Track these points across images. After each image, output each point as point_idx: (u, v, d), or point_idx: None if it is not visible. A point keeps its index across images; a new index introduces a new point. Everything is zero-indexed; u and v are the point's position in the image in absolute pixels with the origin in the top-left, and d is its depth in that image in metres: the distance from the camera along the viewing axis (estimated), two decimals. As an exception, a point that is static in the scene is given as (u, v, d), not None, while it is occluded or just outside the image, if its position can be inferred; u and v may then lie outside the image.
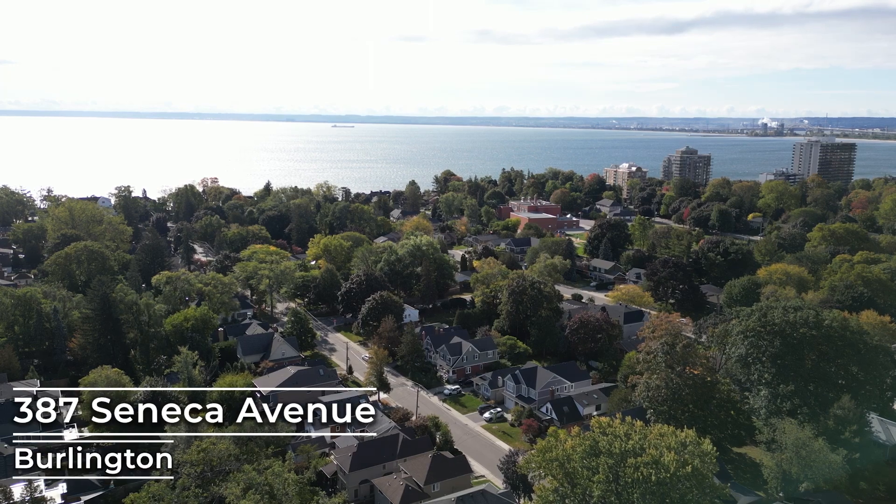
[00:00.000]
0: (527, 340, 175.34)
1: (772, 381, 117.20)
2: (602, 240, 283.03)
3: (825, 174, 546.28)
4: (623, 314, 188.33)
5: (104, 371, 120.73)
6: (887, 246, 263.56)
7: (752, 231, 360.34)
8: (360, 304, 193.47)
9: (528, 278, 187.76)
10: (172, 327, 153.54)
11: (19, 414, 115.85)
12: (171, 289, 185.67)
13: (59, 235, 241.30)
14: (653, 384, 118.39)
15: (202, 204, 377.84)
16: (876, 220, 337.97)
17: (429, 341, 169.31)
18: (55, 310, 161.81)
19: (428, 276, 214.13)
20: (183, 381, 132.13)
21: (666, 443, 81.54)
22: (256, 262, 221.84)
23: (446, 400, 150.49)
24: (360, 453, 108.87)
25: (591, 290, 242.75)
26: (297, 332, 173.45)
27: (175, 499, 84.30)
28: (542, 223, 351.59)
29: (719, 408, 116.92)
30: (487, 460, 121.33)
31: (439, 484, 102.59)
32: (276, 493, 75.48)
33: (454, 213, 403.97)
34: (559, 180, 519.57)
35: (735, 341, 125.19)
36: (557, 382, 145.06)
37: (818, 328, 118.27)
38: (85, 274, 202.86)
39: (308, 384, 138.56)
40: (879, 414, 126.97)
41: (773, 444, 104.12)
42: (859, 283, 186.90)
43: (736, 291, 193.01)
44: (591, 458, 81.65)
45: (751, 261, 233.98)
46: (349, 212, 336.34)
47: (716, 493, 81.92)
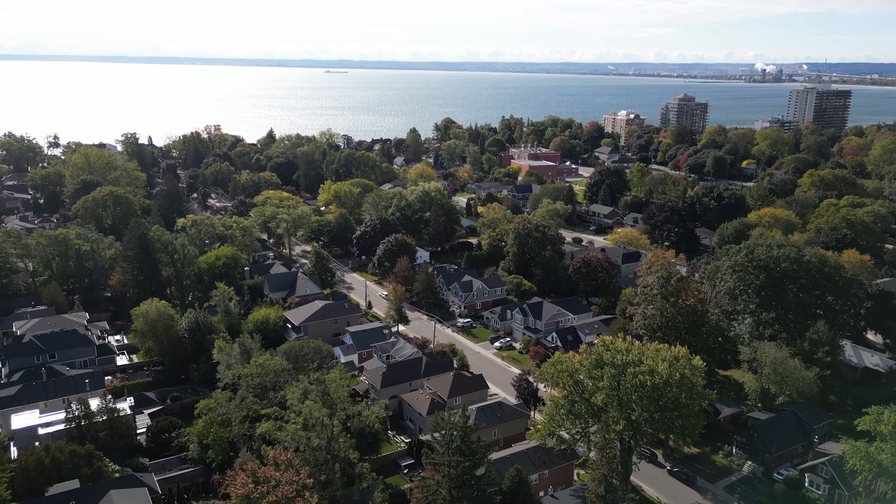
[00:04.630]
0: (531, 279, 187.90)
1: (756, 310, 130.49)
2: (601, 186, 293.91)
3: (820, 121, 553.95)
4: (621, 255, 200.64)
5: (154, 303, 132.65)
6: (873, 191, 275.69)
7: (746, 177, 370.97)
8: (374, 246, 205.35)
9: (533, 222, 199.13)
10: (207, 265, 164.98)
11: (82, 341, 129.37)
12: (195, 231, 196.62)
13: (79, 181, 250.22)
14: (649, 313, 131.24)
15: (209, 151, 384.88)
16: (865, 167, 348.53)
17: (441, 280, 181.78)
18: (92, 250, 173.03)
19: (437, 220, 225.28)
20: (221, 313, 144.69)
21: (661, 356, 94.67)
22: (271, 206, 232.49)
23: (459, 331, 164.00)
24: (389, 373, 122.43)
25: (591, 234, 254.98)
26: (318, 271, 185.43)
27: (236, 406, 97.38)
28: (542, 170, 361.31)
29: (708, 335, 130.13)
30: (499, 381, 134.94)
31: (461, 397, 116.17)
32: (331, 397, 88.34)
33: (456, 160, 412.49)
34: (558, 128, 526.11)
35: (724, 276, 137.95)
36: (561, 315, 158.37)
37: (799, 263, 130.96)
38: (111, 217, 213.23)
39: (335, 316, 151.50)
40: (853, 341, 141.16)
41: (755, 363, 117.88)
42: (843, 226, 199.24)
43: (728, 234, 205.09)
44: (596, 369, 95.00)
45: (743, 205, 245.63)
46: (354, 159, 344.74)
47: (703, 397, 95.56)
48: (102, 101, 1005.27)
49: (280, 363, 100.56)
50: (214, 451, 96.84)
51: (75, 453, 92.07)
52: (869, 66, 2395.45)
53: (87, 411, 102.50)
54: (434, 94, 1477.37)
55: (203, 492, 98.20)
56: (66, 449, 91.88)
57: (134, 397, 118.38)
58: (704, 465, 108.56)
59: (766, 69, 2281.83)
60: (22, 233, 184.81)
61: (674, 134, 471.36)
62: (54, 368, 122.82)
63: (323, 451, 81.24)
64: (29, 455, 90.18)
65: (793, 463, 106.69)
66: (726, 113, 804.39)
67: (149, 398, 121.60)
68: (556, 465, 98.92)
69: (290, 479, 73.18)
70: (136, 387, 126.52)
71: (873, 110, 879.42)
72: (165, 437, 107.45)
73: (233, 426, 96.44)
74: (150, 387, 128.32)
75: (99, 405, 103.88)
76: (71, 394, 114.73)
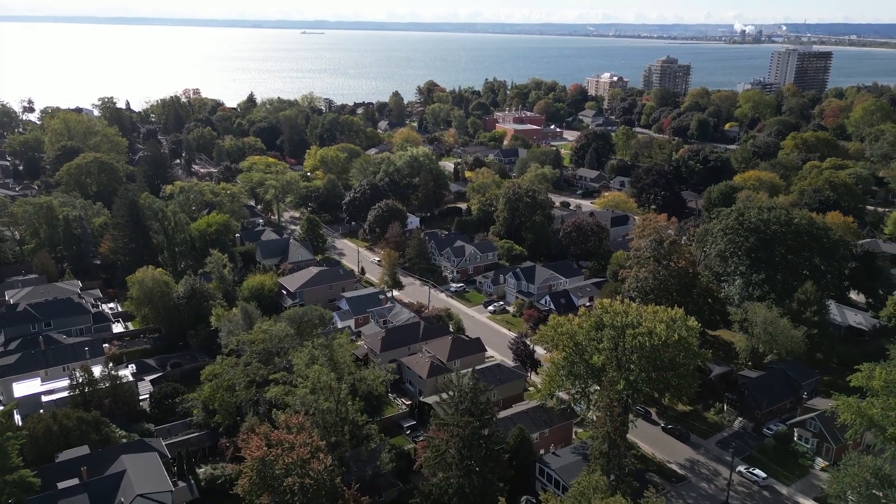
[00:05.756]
0: (522, 243, 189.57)
1: (746, 272, 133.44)
2: (587, 150, 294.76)
3: (801, 83, 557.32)
4: (610, 219, 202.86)
5: (149, 270, 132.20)
6: (855, 153, 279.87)
7: (729, 140, 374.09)
8: (364, 212, 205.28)
9: (523, 187, 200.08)
10: (198, 232, 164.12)
11: (77, 309, 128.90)
12: (184, 197, 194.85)
13: (59, 147, 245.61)
14: (641, 276, 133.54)
15: (190, 116, 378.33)
16: (846, 129, 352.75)
17: (433, 245, 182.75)
18: (80, 217, 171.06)
19: (426, 185, 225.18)
20: (216, 280, 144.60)
21: (658, 318, 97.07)
22: (258, 172, 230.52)
23: (453, 296, 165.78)
24: (388, 337, 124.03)
25: (578, 198, 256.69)
26: (310, 238, 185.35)
27: (240, 372, 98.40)
28: (527, 134, 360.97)
29: (699, 296, 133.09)
30: (494, 344, 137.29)
31: (459, 360, 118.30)
32: (338, 363, 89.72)
33: (441, 124, 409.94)
34: (542, 91, 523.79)
35: (715, 238, 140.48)
36: (554, 278, 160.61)
37: (788, 225, 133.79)
38: (96, 184, 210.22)
39: (330, 282, 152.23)
40: (837, 300, 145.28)
41: (745, 323, 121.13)
42: (826, 188, 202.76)
43: (714, 196, 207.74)
44: (596, 331, 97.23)
45: (728, 168, 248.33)
46: (338, 123, 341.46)
47: (699, 356, 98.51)
48: (74, 64, 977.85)
49: (284, 329, 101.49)
50: (221, 415, 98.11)
51: (82, 420, 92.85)
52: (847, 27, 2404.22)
53: (91, 378, 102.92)
54: (413, 55, 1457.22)
55: (210, 455, 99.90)
56: (74, 416, 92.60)
57: (135, 364, 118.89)
58: (697, 421, 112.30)
59: (745, 30, 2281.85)
60: (6, 200, 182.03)
61: (657, 97, 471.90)
62: (51, 337, 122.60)
63: (333, 414, 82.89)
64: (36, 422, 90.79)
65: (782, 418, 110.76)
66: (708, 75, 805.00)
67: (149, 365, 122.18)
68: (555, 424, 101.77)
69: (304, 442, 74.79)
70: (135, 354, 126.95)
71: (852, 71, 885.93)
72: (168, 403, 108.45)
73: (238, 391, 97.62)
74: (148, 354, 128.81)
75: (102, 372, 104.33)
76: (71, 362, 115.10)
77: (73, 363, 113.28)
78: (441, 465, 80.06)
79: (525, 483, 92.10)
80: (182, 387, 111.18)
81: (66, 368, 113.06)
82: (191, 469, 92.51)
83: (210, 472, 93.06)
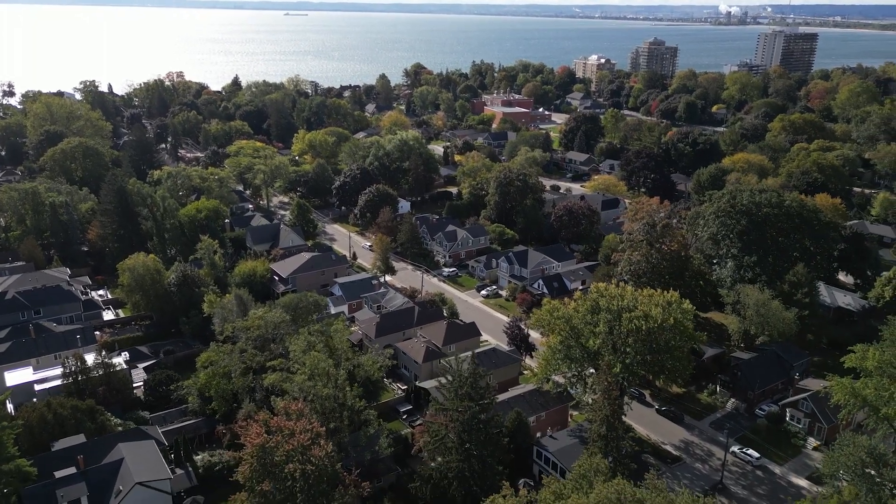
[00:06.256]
0: (513, 227, 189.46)
1: (738, 255, 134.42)
2: (577, 133, 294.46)
3: (787, 64, 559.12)
4: (601, 202, 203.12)
5: (140, 257, 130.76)
6: (842, 135, 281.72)
7: (717, 122, 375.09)
8: (354, 197, 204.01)
9: (514, 171, 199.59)
10: (188, 218, 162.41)
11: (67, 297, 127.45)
12: (172, 183, 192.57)
13: (42, 132, 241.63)
14: (634, 259, 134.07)
15: (174, 100, 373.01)
16: (832, 110, 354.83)
17: (424, 230, 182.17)
18: (67, 203, 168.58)
19: (416, 169, 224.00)
20: (207, 266, 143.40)
21: (654, 301, 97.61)
22: (246, 157, 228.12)
23: (445, 280, 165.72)
24: (383, 322, 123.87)
25: (568, 181, 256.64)
26: (300, 223, 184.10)
27: (237, 359, 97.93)
28: (516, 117, 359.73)
29: (691, 279, 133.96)
30: (488, 328, 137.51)
31: (454, 345, 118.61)
32: (335, 349, 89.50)
33: (429, 107, 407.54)
34: (530, 73, 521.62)
35: (707, 221, 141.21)
36: (546, 262, 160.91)
37: (779, 207, 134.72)
38: (81, 170, 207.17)
39: (323, 267, 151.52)
40: (826, 282, 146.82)
41: (738, 306, 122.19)
42: (814, 170, 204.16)
43: (704, 179, 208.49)
44: (592, 315, 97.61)
45: (717, 150, 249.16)
46: (326, 107, 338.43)
47: (694, 339, 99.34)
48: (51, 47, 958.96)
49: (280, 316, 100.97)
50: (218, 403, 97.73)
51: (77, 408, 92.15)
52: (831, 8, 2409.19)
53: (84, 366, 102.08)
54: (397, 37, 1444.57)
55: (207, 442, 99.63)
56: (68, 404, 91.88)
57: (127, 352, 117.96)
58: (690, 403, 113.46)
59: (730, 11, 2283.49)
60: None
61: (645, 79, 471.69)
62: (42, 325, 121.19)
63: (332, 400, 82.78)
64: (31, 411, 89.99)
65: (774, 399, 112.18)
66: (694, 57, 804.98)
67: (142, 352, 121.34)
68: (551, 407, 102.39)
69: (304, 428, 74.64)
70: (127, 341, 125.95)
71: (837, 53, 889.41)
72: (163, 391, 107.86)
73: (234, 378, 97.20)
74: (140, 341, 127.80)
75: (95, 360, 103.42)
76: (62, 350, 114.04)
77: (65, 351, 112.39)
78: (441, 449, 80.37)
79: (523, 466, 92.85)
80: (176, 374, 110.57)
81: (58, 356, 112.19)
82: (188, 456, 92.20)
83: (208, 459, 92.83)
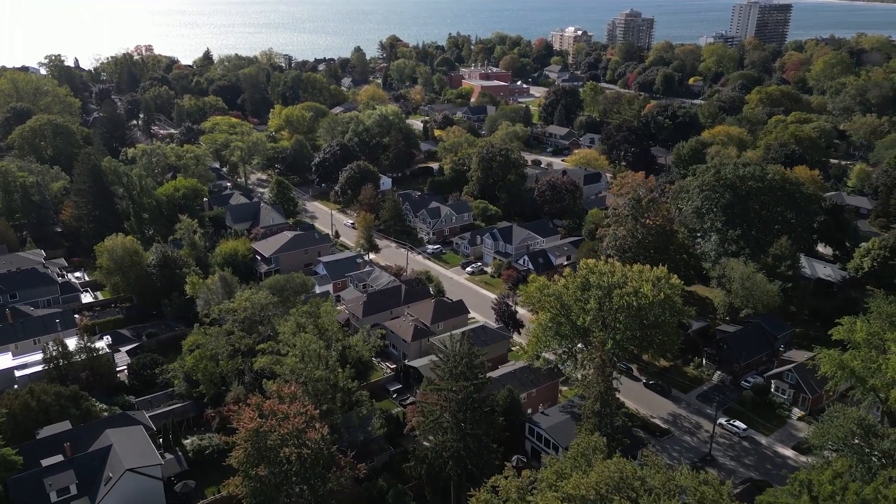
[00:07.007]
0: (496, 203, 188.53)
1: (722, 228, 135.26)
2: (556, 107, 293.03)
3: (762, 35, 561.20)
4: (583, 176, 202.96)
5: (118, 239, 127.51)
6: (817, 106, 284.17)
7: (694, 94, 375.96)
8: (335, 173, 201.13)
9: (496, 146, 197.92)
10: (165, 197, 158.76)
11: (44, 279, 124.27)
12: (147, 161, 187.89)
13: (8, 109, 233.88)
14: (619, 234, 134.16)
15: (144, 75, 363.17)
16: (808, 82, 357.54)
17: (407, 206, 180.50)
18: (38, 182, 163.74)
19: (396, 145, 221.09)
20: (187, 246, 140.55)
21: (644, 277, 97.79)
22: (222, 133, 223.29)
23: (430, 258, 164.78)
24: (370, 302, 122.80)
25: (549, 156, 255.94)
26: (280, 201, 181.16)
27: (223, 342, 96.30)
28: (494, 91, 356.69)
29: (675, 252, 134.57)
30: (473, 305, 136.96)
31: (443, 323, 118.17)
32: (325, 329, 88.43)
33: (406, 81, 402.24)
34: (507, 45, 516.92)
35: (691, 195, 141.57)
36: (531, 238, 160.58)
37: (763, 181, 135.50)
38: (51, 148, 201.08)
39: (306, 246, 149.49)
40: (806, 254, 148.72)
41: (723, 279, 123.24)
42: (792, 142, 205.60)
43: (684, 152, 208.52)
44: (583, 292, 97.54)
45: (696, 123, 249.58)
46: (301, 81, 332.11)
47: (682, 314, 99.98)
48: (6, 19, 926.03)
49: (267, 297, 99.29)
50: (205, 386, 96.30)
51: (60, 394, 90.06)
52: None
53: (66, 351, 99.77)
54: (369, 8, 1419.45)
55: (195, 426, 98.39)
56: (51, 390, 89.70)
57: (109, 335, 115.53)
58: (677, 376, 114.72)
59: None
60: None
61: (622, 51, 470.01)
62: (19, 309, 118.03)
63: (324, 382, 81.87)
64: (13, 398, 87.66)
65: (759, 371, 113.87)
66: (670, 28, 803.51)
67: (124, 335, 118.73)
68: (542, 383, 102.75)
69: (298, 411, 73.74)
70: (108, 324, 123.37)
71: (809, 23, 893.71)
72: (148, 374, 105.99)
73: (221, 361, 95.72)
74: (121, 324, 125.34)
75: (77, 345, 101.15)
76: (42, 334, 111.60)
77: (45, 336, 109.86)
78: (435, 429, 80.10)
79: (515, 442, 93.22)
80: (160, 357, 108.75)
81: (38, 341, 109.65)
82: (177, 441, 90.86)
83: (197, 443, 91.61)
